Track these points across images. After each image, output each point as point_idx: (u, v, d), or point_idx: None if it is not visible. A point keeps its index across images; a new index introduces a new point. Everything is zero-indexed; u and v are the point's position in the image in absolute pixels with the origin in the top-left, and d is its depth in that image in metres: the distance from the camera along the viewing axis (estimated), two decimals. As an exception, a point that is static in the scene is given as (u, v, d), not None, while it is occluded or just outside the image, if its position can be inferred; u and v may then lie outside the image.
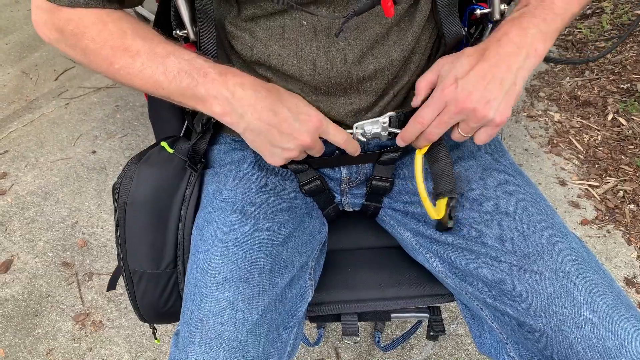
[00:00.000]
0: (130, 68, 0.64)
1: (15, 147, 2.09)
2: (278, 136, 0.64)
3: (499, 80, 0.61)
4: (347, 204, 0.90)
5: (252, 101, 0.63)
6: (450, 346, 1.39)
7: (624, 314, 0.62)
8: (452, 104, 0.62)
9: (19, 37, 2.80)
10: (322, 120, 0.67)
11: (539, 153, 1.92)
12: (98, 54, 0.64)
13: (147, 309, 0.82)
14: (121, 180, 0.77)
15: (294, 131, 0.64)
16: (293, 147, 0.65)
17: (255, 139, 0.66)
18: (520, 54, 0.61)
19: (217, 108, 0.63)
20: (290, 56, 0.69)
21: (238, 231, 0.72)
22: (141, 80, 0.64)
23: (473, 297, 0.75)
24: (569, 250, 0.68)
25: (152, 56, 0.63)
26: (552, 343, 0.64)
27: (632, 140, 1.87)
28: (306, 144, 0.66)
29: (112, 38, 0.63)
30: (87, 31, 0.64)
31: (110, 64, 0.64)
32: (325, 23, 0.66)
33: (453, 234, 0.76)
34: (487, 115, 0.62)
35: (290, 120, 0.64)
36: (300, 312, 0.75)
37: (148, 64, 0.63)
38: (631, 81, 2.06)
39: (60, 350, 1.43)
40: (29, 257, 1.67)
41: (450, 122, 0.64)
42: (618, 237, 1.62)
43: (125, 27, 0.64)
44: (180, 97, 0.64)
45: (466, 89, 0.61)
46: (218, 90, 0.62)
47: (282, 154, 0.66)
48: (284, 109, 0.64)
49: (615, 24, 2.32)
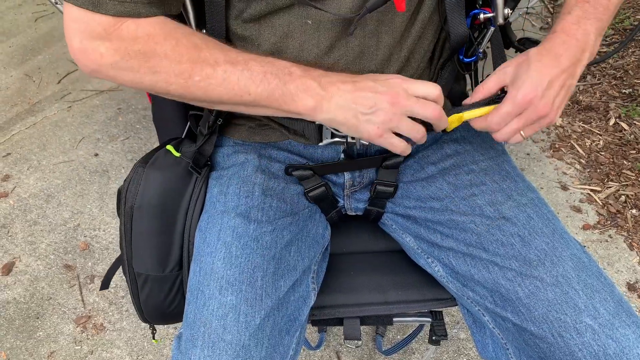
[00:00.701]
0: (213, 78, 0.63)
1: (18, 150, 2.10)
2: (364, 102, 0.63)
3: (568, 87, 0.65)
4: (350, 208, 0.91)
5: (336, 82, 0.64)
6: (452, 351, 1.39)
7: (625, 321, 0.62)
8: (532, 111, 0.64)
9: (22, 40, 2.81)
10: (403, 79, 0.66)
11: (541, 157, 1.92)
12: (172, 69, 0.62)
13: (152, 310, 0.82)
14: (128, 184, 0.77)
15: (377, 91, 0.63)
16: (381, 106, 0.63)
17: (346, 116, 0.64)
18: (584, 59, 0.66)
19: (309, 101, 0.64)
20: (293, 55, 0.69)
21: (241, 234, 0.72)
22: (225, 88, 0.63)
23: (474, 302, 0.75)
24: (570, 256, 0.68)
25: (233, 64, 0.63)
26: (553, 349, 0.64)
27: (634, 145, 1.87)
28: (393, 98, 0.63)
29: (187, 52, 0.62)
30: (159, 48, 0.61)
31: (187, 78, 0.63)
32: (328, 23, 0.66)
33: (454, 239, 0.76)
34: (554, 119, 0.66)
35: (372, 85, 0.64)
36: (302, 316, 0.75)
37: (231, 70, 0.63)
38: (633, 86, 2.06)
39: (62, 353, 1.42)
40: (31, 260, 1.67)
41: (521, 126, 0.66)
42: (620, 242, 1.62)
43: (197, 41, 0.63)
44: (268, 98, 0.64)
45: (548, 98, 0.64)
46: (306, 84, 0.63)
47: (375, 119, 0.64)
48: (364, 80, 0.65)
49: (617, 28, 2.33)
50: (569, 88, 0.65)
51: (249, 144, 0.84)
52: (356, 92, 0.63)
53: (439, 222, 0.78)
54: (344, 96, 0.63)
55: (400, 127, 0.65)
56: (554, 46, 0.65)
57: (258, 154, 0.82)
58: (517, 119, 0.65)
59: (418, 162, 0.84)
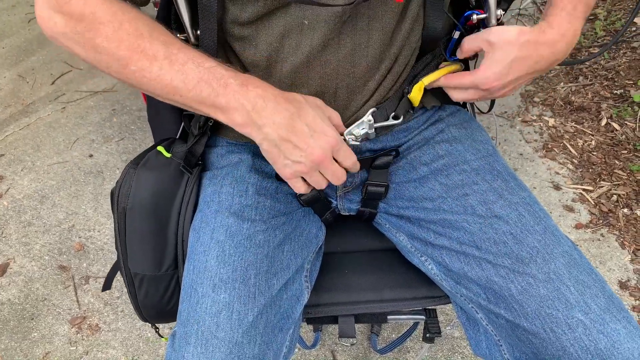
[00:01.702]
0: (147, 72, 0.62)
1: (12, 151, 2.09)
2: (292, 149, 0.64)
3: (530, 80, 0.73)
4: (343, 209, 0.91)
5: (271, 114, 0.62)
6: (446, 349, 1.40)
7: (616, 316, 0.63)
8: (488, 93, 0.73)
9: (16, 41, 2.80)
10: (337, 140, 0.66)
11: (533, 157, 1.93)
12: (112, 53, 0.62)
13: (150, 310, 0.83)
14: (120, 185, 0.77)
15: (308, 147, 0.64)
16: (304, 161, 0.65)
17: (270, 150, 0.65)
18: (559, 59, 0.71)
19: (238, 119, 0.63)
20: (289, 55, 0.70)
21: (234, 233, 0.72)
22: (157, 84, 0.63)
23: (468, 300, 0.76)
24: (561, 253, 0.69)
25: (171, 62, 0.62)
26: (545, 345, 0.64)
27: (625, 145, 1.89)
28: (317, 159, 0.65)
29: (128, 38, 0.61)
30: (102, 28, 0.61)
31: (124, 66, 0.62)
32: (323, 22, 0.67)
33: (447, 238, 0.77)
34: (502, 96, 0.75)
35: (305, 135, 0.64)
36: (296, 314, 0.75)
37: (167, 69, 0.62)
38: (624, 87, 2.08)
39: (57, 353, 1.42)
40: (25, 261, 1.67)
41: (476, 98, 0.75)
42: (612, 240, 1.63)
43: (142, 28, 0.62)
44: (199, 105, 0.64)
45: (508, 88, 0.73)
46: (239, 102, 0.62)
47: (293, 167, 0.66)
48: (301, 124, 0.64)
49: (609, 30, 2.35)
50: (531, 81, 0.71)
51: (243, 144, 0.84)
52: (290, 134, 0.63)
53: (432, 222, 0.79)
54: (274, 132, 0.63)
55: (311, 178, 0.68)
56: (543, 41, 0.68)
57: (252, 154, 0.83)
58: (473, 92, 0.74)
59: (410, 163, 0.84)
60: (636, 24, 2.30)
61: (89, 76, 2.51)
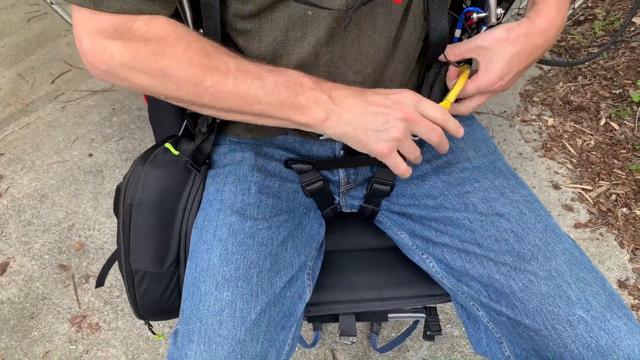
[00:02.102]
0: (223, 85, 0.62)
1: (12, 150, 2.09)
2: (373, 118, 0.64)
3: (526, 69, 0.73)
4: (345, 205, 0.91)
5: (346, 97, 0.64)
6: (446, 348, 1.40)
7: (617, 313, 0.64)
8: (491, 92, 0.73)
9: (15, 40, 2.80)
10: (415, 95, 0.66)
11: (532, 157, 1.94)
12: (184, 72, 0.61)
13: (149, 306, 0.83)
14: (127, 181, 0.77)
15: (388, 107, 0.64)
16: (392, 123, 0.63)
17: (356, 132, 0.64)
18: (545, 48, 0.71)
19: (320, 113, 0.63)
20: (295, 46, 0.69)
21: (237, 231, 0.72)
22: (235, 96, 0.63)
23: (469, 297, 0.76)
24: (562, 251, 0.69)
25: (244, 72, 0.62)
26: (547, 342, 0.65)
27: (624, 145, 1.89)
28: (404, 113, 0.63)
29: (198, 56, 0.61)
30: (170, 50, 0.60)
31: (199, 82, 0.62)
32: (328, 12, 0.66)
33: (448, 235, 0.77)
34: None
35: (382, 100, 0.65)
36: (298, 312, 0.76)
37: (242, 78, 0.62)
38: (623, 86, 2.09)
39: (57, 352, 1.42)
40: (25, 260, 1.67)
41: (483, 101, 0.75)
42: (611, 240, 1.64)
43: (208, 47, 0.63)
44: (278, 109, 0.64)
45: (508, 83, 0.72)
46: (317, 97, 0.63)
47: (385, 135, 0.64)
48: (374, 95, 0.65)
49: (608, 30, 2.35)
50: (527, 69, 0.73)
51: (246, 142, 0.84)
52: (367, 107, 0.64)
53: (434, 219, 0.80)
54: (354, 111, 0.63)
55: (404, 146, 0.66)
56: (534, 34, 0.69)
57: (254, 153, 0.83)
58: (478, 97, 0.74)
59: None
60: (635, 24, 2.31)
61: (88, 75, 2.50)
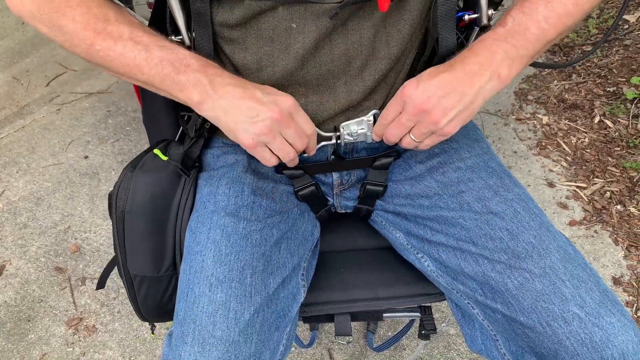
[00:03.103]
0: (111, 50, 0.65)
1: (7, 153, 2.08)
2: (247, 110, 0.65)
3: (460, 93, 0.63)
4: (339, 206, 0.92)
5: (227, 86, 0.65)
6: (442, 346, 1.41)
7: (610, 310, 0.64)
8: (410, 104, 0.65)
9: (10, 43, 2.79)
10: (294, 102, 0.68)
11: (527, 155, 1.94)
12: (77, 34, 0.65)
13: (151, 310, 0.84)
14: (118, 189, 0.78)
15: (263, 104, 0.65)
16: (261, 118, 0.65)
17: (227, 119, 0.66)
18: (484, 75, 0.64)
19: (196, 95, 0.65)
20: (280, 58, 0.70)
21: (230, 233, 0.73)
22: (120, 63, 0.66)
23: (464, 296, 0.77)
24: (556, 248, 0.69)
25: (135, 42, 0.65)
26: (542, 338, 0.65)
27: (618, 142, 1.90)
28: (276, 115, 0.65)
29: (94, 21, 0.65)
30: (69, 12, 0.64)
31: (90, 45, 0.66)
32: (313, 25, 0.67)
33: (443, 234, 0.77)
34: (439, 122, 0.64)
35: (260, 96, 0.66)
36: (292, 312, 0.76)
37: (130, 48, 0.65)
38: (617, 84, 2.10)
39: (54, 355, 1.42)
40: (22, 263, 1.67)
41: (407, 123, 0.67)
42: (605, 237, 1.64)
43: (110, 13, 0.66)
44: (160, 83, 0.67)
45: (426, 92, 0.63)
46: (198, 79, 0.65)
47: (253, 128, 0.65)
48: (255, 90, 0.66)
49: (602, 28, 2.36)
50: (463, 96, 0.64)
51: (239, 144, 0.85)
52: (243, 99, 0.65)
53: (429, 218, 0.80)
54: (230, 100, 0.65)
55: (273, 144, 0.68)
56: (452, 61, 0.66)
57: (248, 155, 0.83)
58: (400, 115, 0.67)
59: (406, 161, 0.85)
60: (628, 22, 2.32)
61: (83, 77, 2.50)
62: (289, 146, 0.69)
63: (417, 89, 0.64)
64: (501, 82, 0.65)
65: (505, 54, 0.64)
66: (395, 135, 0.70)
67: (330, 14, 0.65)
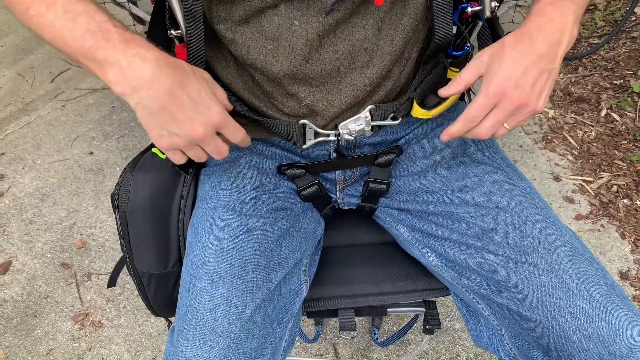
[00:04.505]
0: (43, 18, 0.59)
1: (12, 149, 2.09)
2: (169, 121, 0.59)
3: (549, 71, 0.61)
4: (342, 203, 0.91)
5: (149, 77, 0.57)
6: (447, 341, 1.41)
7: (618, 304, 0.64)
8: (507, 101, 0.61)
9: (15, 40, 2.80)
10: (222, 117, 0.62)
11: (533, 149, 1.93)
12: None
13: (162, 305, 0.84)
14: (119, 190, 0.78)
15: (188, 120, 0.59)
16: (182, 135, 0.60)
17: (145, 116, 0.60)
18: (564, 42, 0.62)
19: (111, 75, 0.58)
20: (284, 56, 0.70)
21: (232, 229, 0.73)
22: (50, 33, 0.60)
23: (469, 291, 0.76)
24: (563, 243, 0.69)
25: (65, 11, 0.58)
26: (548, 333, 0.65)
27: (625, 136, 1.88)
28: (197, 135, 0.61)
29: None
30: None
31: (26, 9, 0.60)
32: (315, 22, 0.67)
33: (449, 229, 0.77)
34: (536, 107, 0.62)
35: (187, 108, 0.59)
36: (294, 308, 0.76)
37: (60, 17, 0.58)
38: (624, 77, 2.08)
39: (60, 350, 1.43)
40: (28, 259, 1.68)
41: (504, 120, 0.63)
42: (612, 231, 1.63)
43: None
44: (82, 58, 0.60)
45: (524, 86, 0.60)
46: (116, 58, 0.57)
47: (170, 139, 0.61)
48: (183, 95, 0.59)
49: (608, 20, 2.34)
50: (551, 72, 0.62)
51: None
52: (166, 104, 0.58)
53: (434, 213, 0.79)
54: (151, 98, 0.58)
55: (188, 152, 0.64)
56: (529, 30, 0.62)
57: (250, 151, 0.83)
58: (495, 111, 0.62)
59: (409, 157, 0.84)
60: (635, 14, 2.29)
61: (88, 74, 2.50)
62: (204, 153, 0.65)
63: (516, 88, 0.60)
64: (573, 42, 0.63)
65: (575, 15, 0.62)
66: (492, 130, 0.65)
67: (327, 10, 0.64)
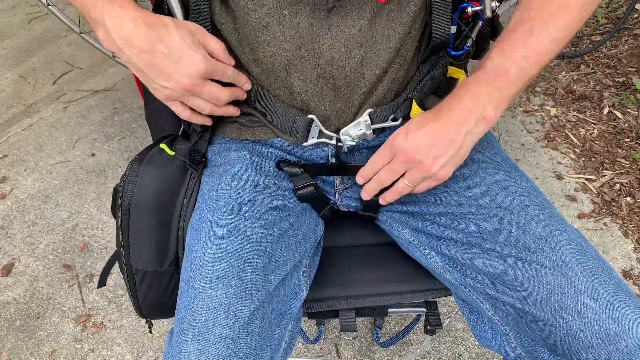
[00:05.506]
0: None
1: (15, 151, 2.10)
2: (157, 75, 0.64)
3: (448, 140, 0.66)
4: (341, 205, 0.91)
5: (128, 36, 0.62)
6: (449, 341, 1.40)
7: (625, 301, 0.63)
8: (401, 153, 0.69)
9: (17, 42, 2.81)
10: (206, 65, 0.65)
11: (535, 148, 1.92)
12: None
13: (151, 305, 0.84)
14: (124, 182, 0.78)
15: (173, 72, 0.64)
16: (172, 87, 0.65)
17: (137, 73, 0.66)
18: (470, 120, 0.66)
19: (100, 34, 0.64)
20: (276, 47, 0.69)
21: (231, 230, 0.72)
22: None
23: (473, 290, 0.76)
24: (568, 241, 0.69)
25: None
26: (555, 331, 0.65)
27: (627, 134, 1.88)
28: (186, 86, 0.65)
29: None
30: None
31: None
32: (306, 10, 0.66)
33: (452, 229, 0.76)
34: (431, 169, 0.68)
35: (168, 61, 0.63)
36: (294, 309, 0.76)
37: None
38: (626, 74, 2.07)
39: (63, 351, 1.44)
40: (30, 260, 1.68)
41: (399, 170, 0.71)
42: (615, 230, 1.63)
43: None
44: (86, 17, 0.65)
45: (415, 141, 0.67)
46: (102, 18, 0.62)
47: (163, 91, 0.66)
48: (163, 50, 0.63)
49: (610, 17, 2.33)
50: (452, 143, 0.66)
51: (240, 141, 0.84)
52: (150, 60, 0.63)
53: (436, 214, 0.79)
54: (136, 57, 0.63)
55: (187, 102, 0.69)
56: (440, 107, 0.68)
57: (249, 152, 0.83)
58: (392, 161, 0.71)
59: None
60: (638, 11, 2.28)
61: (89, 75, 2.51)
62: (205, 102, 0.69)
63: (406, 140, 0.67)
64: (488, 123, 0.67)
65: (488, 96, 0.66)
66: (387, 179, 0.73)
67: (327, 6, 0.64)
